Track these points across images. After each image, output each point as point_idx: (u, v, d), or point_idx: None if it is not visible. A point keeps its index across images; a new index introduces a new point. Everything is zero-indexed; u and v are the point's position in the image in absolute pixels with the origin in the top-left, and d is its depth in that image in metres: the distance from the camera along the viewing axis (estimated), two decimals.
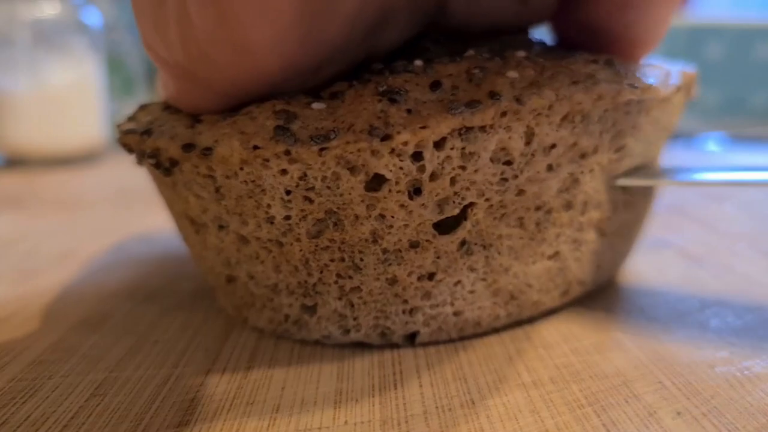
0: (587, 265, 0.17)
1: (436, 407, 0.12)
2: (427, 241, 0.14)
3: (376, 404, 0.12)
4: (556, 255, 0.15)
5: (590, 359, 0.14)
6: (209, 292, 0.19)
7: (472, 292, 0.15)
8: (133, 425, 0.12)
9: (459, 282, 0.14)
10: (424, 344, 0.15)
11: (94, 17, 0.53)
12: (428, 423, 0.12)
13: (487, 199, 0.14)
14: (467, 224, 0.14)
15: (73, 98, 0.51)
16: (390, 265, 0.14)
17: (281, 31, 0.12)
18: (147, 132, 0.14)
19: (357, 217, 0.13)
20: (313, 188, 0.13)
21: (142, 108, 0.17)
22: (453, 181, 0.13)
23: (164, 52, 0.13)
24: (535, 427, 0.11)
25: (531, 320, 0.16)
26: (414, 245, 0.14)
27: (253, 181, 0.13)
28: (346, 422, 0.12)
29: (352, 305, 0.14)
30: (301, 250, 0.14)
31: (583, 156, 0.14)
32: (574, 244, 0.16)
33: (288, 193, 0.13)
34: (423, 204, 0.13)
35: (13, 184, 0.43)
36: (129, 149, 0.15)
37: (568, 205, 0.15)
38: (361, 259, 0.14)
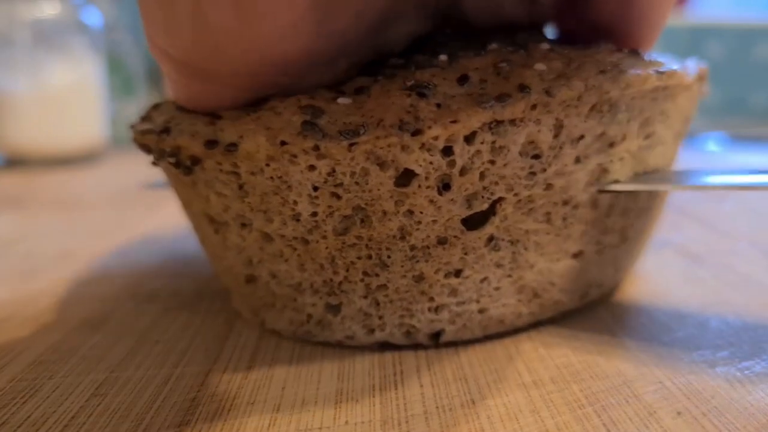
0: (607, 268, 0.17)
1: (437, 407, 0.12)
2: (455, 237, 0.13)
3: (377, 404, 0.12)
4: (580, 254, 0.15)
5: (590, 359, 0.14)
6: (210, 292, 0.19)
7: (497, 288, 0.15)
8: (134, 425, 0.12)
9: (486, 279, 0.14)
10: (426, 346, 0.15)
11: (94, 17, 0.53)
12: (429, 423, 0.12)
13: (515, 194, 0.13)
14: (495, 219, 0.14)
15: (73, 98, 0.51)
16: (417, 262, 0.14)
17: (296, 21, 0.12)
18: (165, 131, 0.14)
19: (385, 213, 0.13)
20: (341, 184, 0.13)
21: (155, 107, 0.16)
22: (482, 175, 0.13)
23: (176, 52, 0.13)
24: (536, 427, 0.11)
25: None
26: (442, 241, 0.14)
27: (280, 177, 0.13)
28: (346, 422, 0.12)
29: (378, 304, 0.14)
30: (327, 248, 0.14)
31: (611, 145, 0.14)
32: (597, 246, 0.16)
33: (315, 189, 0.13)
34: (452, 199, 0.13)
35: (13, 184, 0.43)
36: (147, 149, 0.15)
37: (594, 204, 0.15)
38: (389, 256, 0.14)
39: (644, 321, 0.16)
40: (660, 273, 0.20)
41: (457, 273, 0.14)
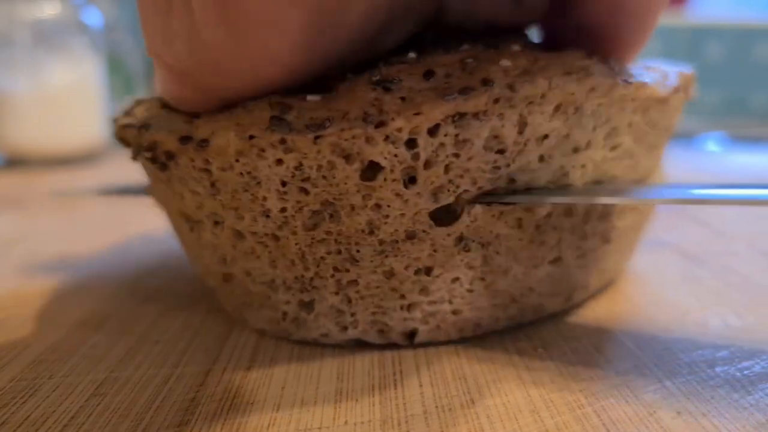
0: (592, 271, 0.17)
1: (436, 407, 0.12)
2: (423, 231, 0.14)
3: (376, 404, 0.12)
4: (557, 260, 0.15)
5: (590, 359, 0.14)
6: (209, 292, 0.19)
7: (470, 291, 0.15)
8: (134, 425, 0.12)
9: (457, 279, 0.14)
10: (424, 344, 0.15)
11: (94, 17, 0.53)
12: (428, 423, 0.12)
13: (479, 188, 0.14)
14: (465, 219, 0.14)
15: (73, 98, 0.51)
16: (386, 257, 0.14)
17: (289, 42, 0.12)
18: (145, 126, 0.14)
19: (353, 207, 0.13)
20: (308, 178, 0.13)
21: (139, 103, 0.17)
22: (447, 168, 0.13)
23: (172, 60, 0.13)
24: (535, 427, 0.11)
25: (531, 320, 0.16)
26: (410, 236, 0.14)
27: (249, 173, 0.13)
28: (346, 422, 0.12)
29: (350, 300, 0.14)
30: (297, 244, 0.14)
31: (575, 150, 0.14)
32: (578, 251, 0.16)
33: (284, 184, 0.13)
34: (418, 192, 0.13)
35: (13, 184, 0.43)
36: (126, 143, 0.15)
37: (569, 212, 0.15)
38: (358, 251, 0.14)
39: (643, 321, 0.16)
40: (658, 273, 0.20)
41: (428, 270, 0.14)
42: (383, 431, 0.11)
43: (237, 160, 0.13)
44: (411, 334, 0.15)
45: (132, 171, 0.46)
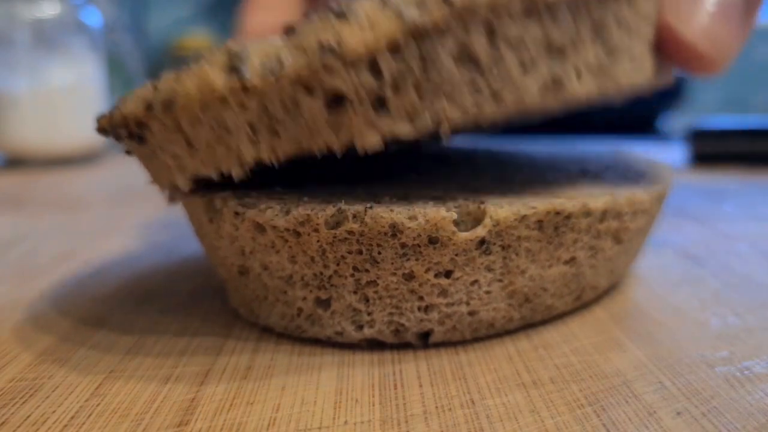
0: (602, 271, 0.17)
1: (436, 407, 0.12)
2: (446, 237, 0.14)
3: (376, 404, 0.12)
4: (572, 260, 0.16)
5: (590, 359, 0.14)
6: (209, 292, 0.19)
7: (488, 292, 0.15)
8: (134, 425, 0.12)
9: (476, 281, 0.14)
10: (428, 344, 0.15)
11: (94, 17, 0.53)
12: (428, 423, 0.12)
13: (464, 110, 0.13)
14: (488, 222, 0.14)
15: (73, 98, 0.51)
16: (408, 260, 0.14)
17: None
18: (114, 109, 0.15)
19: (328, 148, 0.13)
20: (275, 118, 0.13)
21: (121, 98, 0.17)
22: (419, 90, 0.13)
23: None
24: (535, 427, 0.11)
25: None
26: (433, 241, 0.14)
27: (218, 124, 0.13)
28: (346, 422, 0.12)
29: (367, 300, 0.14)
30: (318, 241, 0.14)
31: (560, 51, 0.14)
32: (591, 251, 0.16)
33: (253, 129, 0.13)
34: (392, 118, 0.13)
35: (13, 184, 0.43)
36: (104, 132, 0.15)
37: (587, 212, 0.15)
38: (379, 253, 0.14)
39: (644, 321, 0.16)
40: (659, 273, 0.20)
41: (447, 274, 0.14)
42: (383, 431, 0.11)
43: (203, 113, 0.13)
44: (426, 335, 0.15)
45: (132, 171, 0.46)
